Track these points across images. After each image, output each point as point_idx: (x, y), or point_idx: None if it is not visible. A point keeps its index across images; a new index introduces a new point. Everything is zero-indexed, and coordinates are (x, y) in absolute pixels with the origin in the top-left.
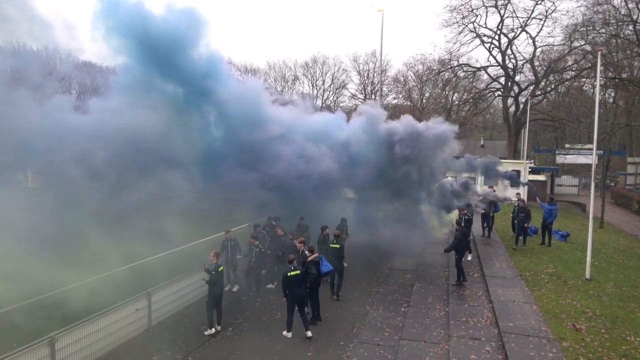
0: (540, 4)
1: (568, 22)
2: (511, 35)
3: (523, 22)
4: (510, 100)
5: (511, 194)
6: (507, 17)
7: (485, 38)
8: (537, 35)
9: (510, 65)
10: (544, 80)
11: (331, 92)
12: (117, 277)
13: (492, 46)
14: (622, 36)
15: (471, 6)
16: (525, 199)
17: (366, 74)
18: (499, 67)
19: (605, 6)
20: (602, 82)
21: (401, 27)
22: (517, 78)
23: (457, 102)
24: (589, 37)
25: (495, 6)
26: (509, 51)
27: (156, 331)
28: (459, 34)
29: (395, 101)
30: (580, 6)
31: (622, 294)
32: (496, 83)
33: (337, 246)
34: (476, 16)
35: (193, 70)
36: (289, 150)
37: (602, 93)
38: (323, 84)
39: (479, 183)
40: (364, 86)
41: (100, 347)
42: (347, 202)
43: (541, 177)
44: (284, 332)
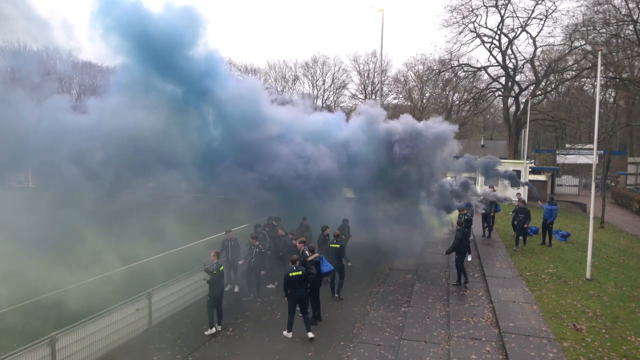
0: (540, 4)
1: (568, 22)
2: (511, 35)
3: (523, 22)
4: (510, 100)
5: (511, 194)
6: (508, 17)
7: (485, 38)
8: (538, 35)
9: (510, 65)
10: (545, 80)
11: (331, 92)
12: (117, 278)
13: (493, 46)
14: (623, 36)
15: (471, 6)
16: (525, 199)
17: (366, 74)
18: (499, 67)
19: (605, 6)
20: (603, 82)
21: (401, 27)
22: (518, 78)
23: (458, 102)
24: (590, 37)
25: (495, 6)
26: (509, 51)
27: (156, 331)
28: (459, 34)
29: (395, 101)
30: (580, 6)
31: (623, 294)
32: (496, 83)
33: (337, 246)
34: (476, 16)
35: (191, 69)
36: (288, 150)
37: (603, 93)
38: (323, 84)
39: (479, 183)
40: (364, 86)
41: (100, 347)
42: (347, 202)
43: (542, 177)
44: (285, 332)
